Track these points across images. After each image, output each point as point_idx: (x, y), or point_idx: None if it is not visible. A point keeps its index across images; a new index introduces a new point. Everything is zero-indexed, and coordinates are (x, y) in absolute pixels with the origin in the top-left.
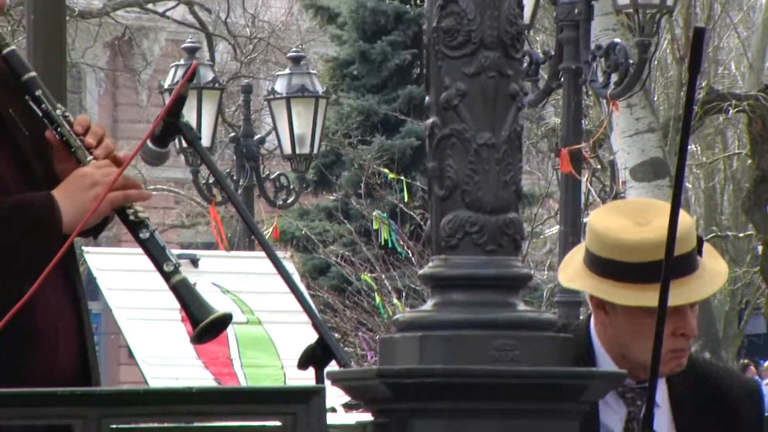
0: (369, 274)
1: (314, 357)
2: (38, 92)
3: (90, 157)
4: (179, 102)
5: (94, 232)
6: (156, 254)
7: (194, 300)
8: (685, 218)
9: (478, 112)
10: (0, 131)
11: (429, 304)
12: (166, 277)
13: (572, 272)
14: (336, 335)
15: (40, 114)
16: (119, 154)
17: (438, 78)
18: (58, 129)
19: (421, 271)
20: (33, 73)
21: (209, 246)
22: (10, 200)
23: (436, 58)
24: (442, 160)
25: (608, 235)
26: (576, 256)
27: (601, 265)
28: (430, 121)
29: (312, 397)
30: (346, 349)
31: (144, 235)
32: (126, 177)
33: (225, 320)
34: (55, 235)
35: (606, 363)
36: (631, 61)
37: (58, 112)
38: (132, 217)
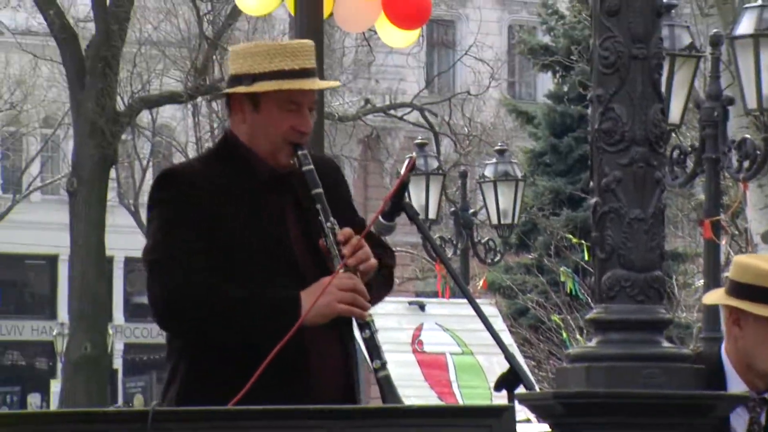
0: (558, 316)
1: (506, 382)
2: (318, 206)
3: (339, 268)
4: (403, 187)
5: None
6: (371, 351)
7: (391, 393)
8: None
9: (631, 194)
10: (304, 230)
11: (593, 342)
12: (375, 371)
13: (714, 296)
14: (532, 363)
15: (319, 223)
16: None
17: (600, 167)
18: (325, 239)
19: (586, 317)
20: (320, 190)
21: (436, 294)
22: (266, 296)
23: (598, 152)
24: (603, 230)
25: (749, 265)
26: (718, 289)
27: (740, 289)
28: (593, 200)
29: (503, 413)
30: (540, 373)
31: (365, 334)
32: (355, 285)
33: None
34: (293, 323)
35: (733, 379)
36: (758, 152)
37: (329, 224)
38: (359, 320)
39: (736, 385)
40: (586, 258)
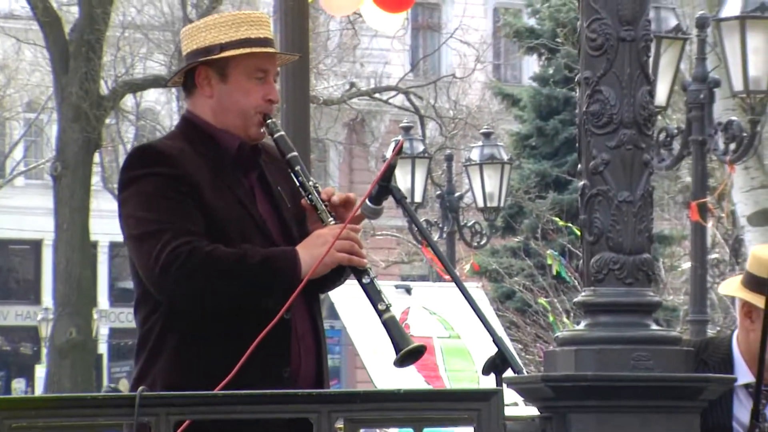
0: (545, 299)
1: (495, 365)
2: (297, 167)
3: (330, 219)
4: (390, 170)
5: (330, 286)
6: (373, 295)
7: (399, 333)
8: None
9: (619, 176)
10: (271, 203)
11: (582, 325)
12: (379, 313)
13: (730, 286)
14: (519, 346)
15: (297, 184)
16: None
17: (587, 150)
18: (310, 196)
19: (575, 299)
20: (294, 153)
21: (423, 278)
22: (262, 250)
23: (586, 135)
24: (591, 213)
25: (765, 259)
26: (736, 278)
27: (757, 283)
28: (581, 183)
29: (492, 396)
30: (527, 356)
31: (365, 280)
32: (353, 234)
33: (420, 350)
34: (297, 279)
35: (741, 367)
36: (744, 134)
37: (310, 183)
38: (359, 267)
39: (743, 374)
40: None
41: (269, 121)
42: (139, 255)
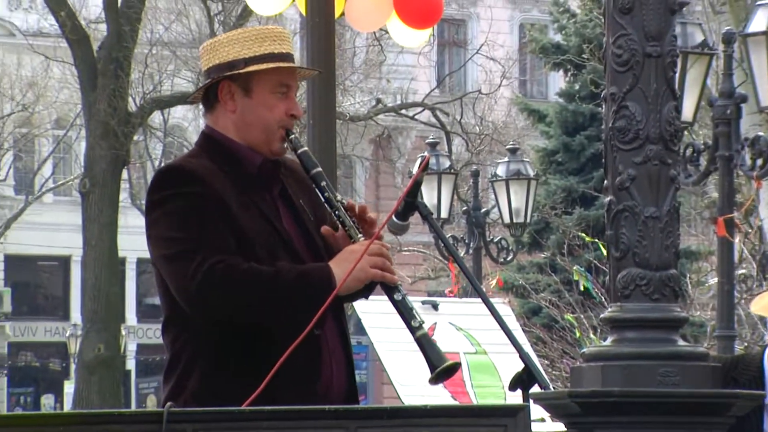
0: (571, 315)
1: (521, 381)
2: (323, 183)
3: (360, 235)
4: (416, 186)
5: (356, 297)
6: (405, 312)
7: (433, 350)
8: None
9: (645, 192)
10: (294, 218)
11: (608, 341)
12: (412, 330)
13: (761, 304)
14: (545, 362)
15: (323, 200)
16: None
17: (614, 166)
18: (337, 213)
19: (602, 315)
20: (319, 169)
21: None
22: (296, 267)
23: (612, 150)
24: (618, 229)
25: None
26: (766, 294)
27: None
28: (607, 199)
29: (519, 412)
30: (554, 372)
31: (397, 297)
32: (383, 251)
33: (455, 368)
34: (330, 294)
35: None
36: None
37: (338, 199)
38: (390, 284)
39: None
40: (604, 254)
41: (292, 136)
42: (173, 275)
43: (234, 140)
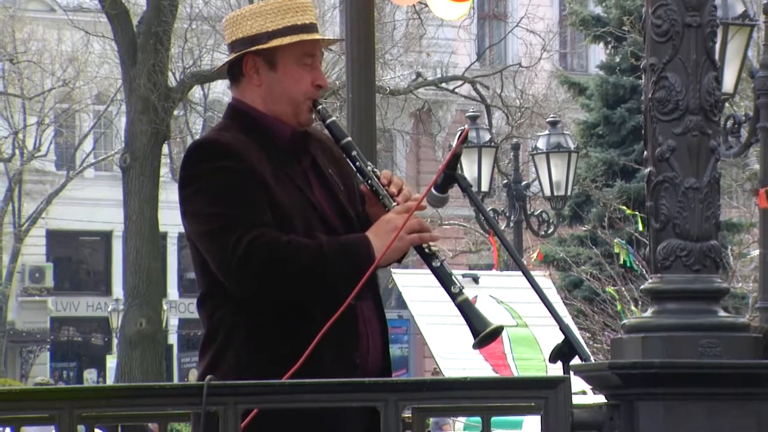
0: (612, 287)
1: (562, 353)
2: (354, 153)
3: (393, 203)
4: (455, 159)
5: (397, 261)
6: (445, 279)
7: (475, 315)
8: None
9: (685, 163)
10: (325, 188)
11: (649, 312)
12: (453, 296)
13: None
14: (586, 335)
15: (355, 170)
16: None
17: (653, 137)
18: (369, 181)
19: (642, 287)
20: (349, 138)
21: (490, 267)
22: (337, 240)
23: (651, 122)
24: (658, 200)
25: None
26: None
27: None
28: (647, 170)
29: (559, 384)
30: (595, 345)
31: (436, 264)
32: (420, 219)
33: (498, 331)
34: (371, 265)
35: None
36: None
37: (369, 168)
38: (426, 251)
39: None
40: (641, 229)
41: (320, 107)
42: (213, 250)
43: (263, 112)
